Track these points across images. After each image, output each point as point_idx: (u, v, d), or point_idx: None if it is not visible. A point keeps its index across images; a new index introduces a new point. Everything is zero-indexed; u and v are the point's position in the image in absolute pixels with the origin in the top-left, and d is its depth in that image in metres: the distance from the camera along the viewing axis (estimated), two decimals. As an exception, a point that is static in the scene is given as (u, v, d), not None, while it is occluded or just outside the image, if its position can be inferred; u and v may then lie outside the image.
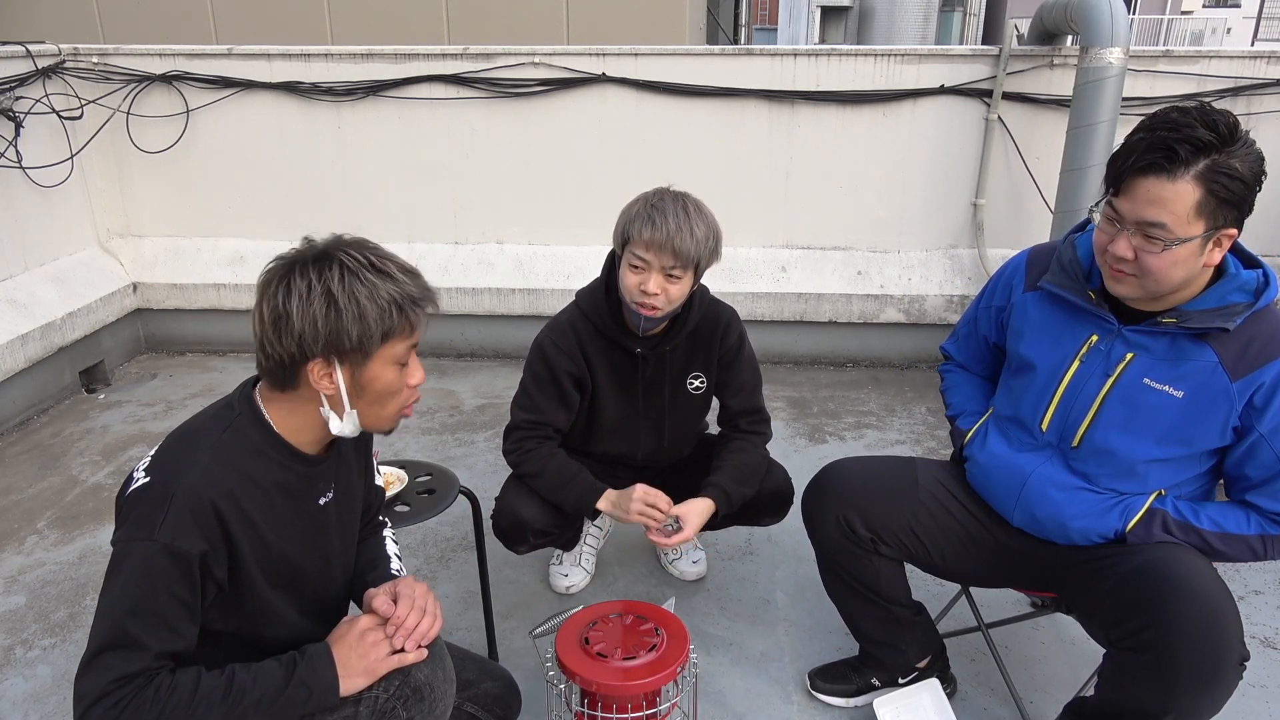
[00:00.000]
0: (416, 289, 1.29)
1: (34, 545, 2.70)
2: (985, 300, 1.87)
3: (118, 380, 4.00)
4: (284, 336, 1.23)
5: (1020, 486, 1.71)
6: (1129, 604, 1.53)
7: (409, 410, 1.38)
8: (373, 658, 1.30)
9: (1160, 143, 1.40)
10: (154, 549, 1.18)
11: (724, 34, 8.01)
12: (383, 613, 1.34)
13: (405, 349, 1.30)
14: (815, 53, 3.80)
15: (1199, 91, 3.66)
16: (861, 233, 4.03)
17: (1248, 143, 1.41)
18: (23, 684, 2.13)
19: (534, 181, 4.06)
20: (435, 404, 3.71)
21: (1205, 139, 1.38)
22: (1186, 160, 1.39)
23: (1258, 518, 1.57)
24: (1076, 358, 1.64)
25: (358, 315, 1.23)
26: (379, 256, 1.28)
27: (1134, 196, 1.44)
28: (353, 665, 1.29)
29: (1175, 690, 1.46)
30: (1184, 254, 1.44)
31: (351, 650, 1.30)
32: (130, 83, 3.98)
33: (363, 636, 1.31)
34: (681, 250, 1.85)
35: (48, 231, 3.87)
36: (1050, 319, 1.69)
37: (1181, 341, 1.54)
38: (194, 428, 1.31)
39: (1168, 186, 1.40)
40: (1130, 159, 1.43)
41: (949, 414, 1.95)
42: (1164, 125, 1.41)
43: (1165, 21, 22.14)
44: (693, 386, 2.19)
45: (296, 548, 1.36)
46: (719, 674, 2.16)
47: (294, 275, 1.23)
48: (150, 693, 1.16)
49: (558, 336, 2.09)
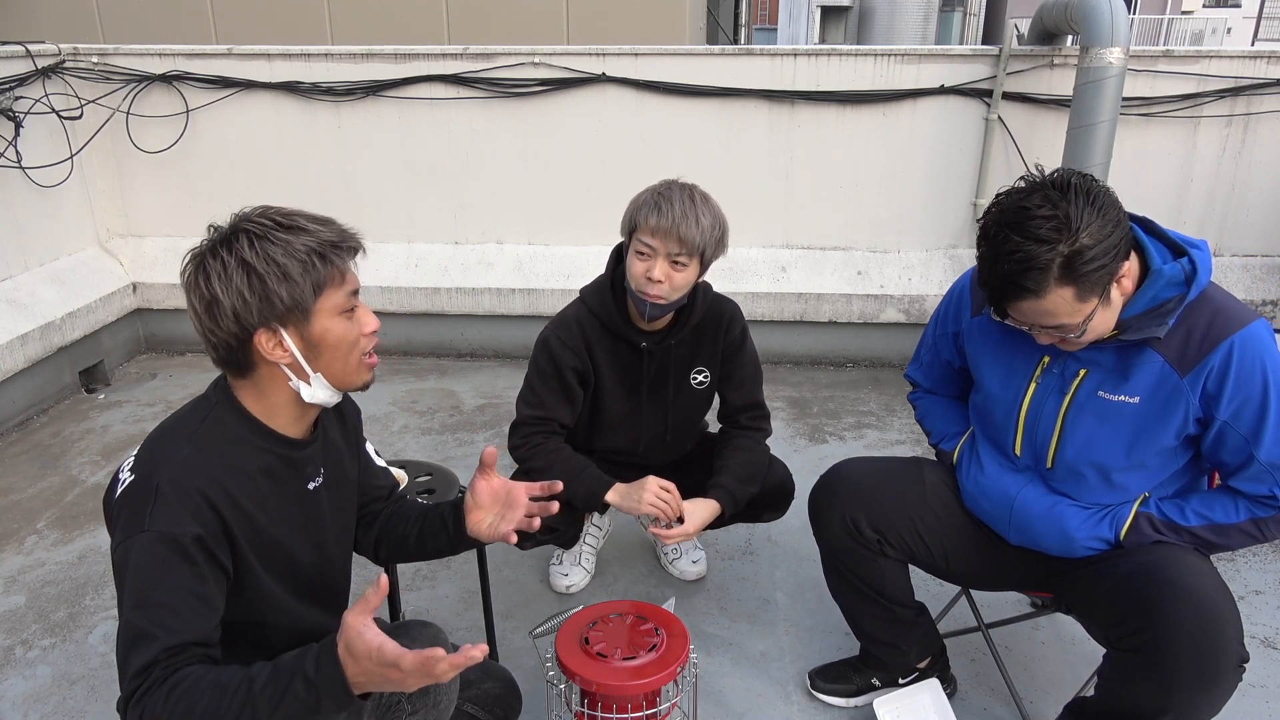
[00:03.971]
0: (333, 234, 1.27)
1: (34, 545, 2.70)
2: (940, 327, 1.87)
3: (118, 380, 3.99)
4: (220, 320, 1.23)
5: (1009, 511, 1.72)
6: (1127, 605, 1.53)
7: (372, 358, 1.36)
8: (387, 687, 1.14)
9: (1010, 280, 1.40)
10: (146, 539, 1.17)
11: (724, 34, 8.01)
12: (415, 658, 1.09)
13: (344, 296, 1.29)
14: (815, 53, 3.80)
15: (1199, 91, 3.66)
16: (861, 233, 4.03)
17: (1086, 208, 1.36)
18: (23, 684, 2.13)
19: (534, 181, 4.06)
20: (435, 404, 3.71)
21: (1044, 256, 1.36)
22: (1039, 283, 1.38)
23: (1245, 503, 1.57)
24: (1032, 380, 1.65)
25: (281, 275, 1.21)
26: (284, 215, 1.26)
27: (1020, 313, 1.47)
28: (364, 683, 1.13)
29: (1173, 691, 1.47)
30: (1099, 318, 1.45)
31: (370, 674, 1.11)
32: (130, 83, 3.98)
33: (386, 675, 1.10)
34: (687, 237, 1.88)
35: (48, 231, 3.86)
36: (1002, 342, 1.70)
37: (1126, 350, 1.55)
38: (172, 424, 1.30)
39: (1041, 303, 1.41)
40: (995, 293, 1.45)
41: (931, 441, 1.94)
42: (1006, 258, 1.39)
43: (1165, 21, 22.14)
44: (696, 381, 2.19)
45: (289, 533, 1.35)
46: (719, 674, 2.16)
47: (207, 259, 1.23)
48: (165, 690, 1.12)
49: (563, 332, 2.09)
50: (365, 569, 2.52)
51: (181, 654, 1.15)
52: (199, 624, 1.18)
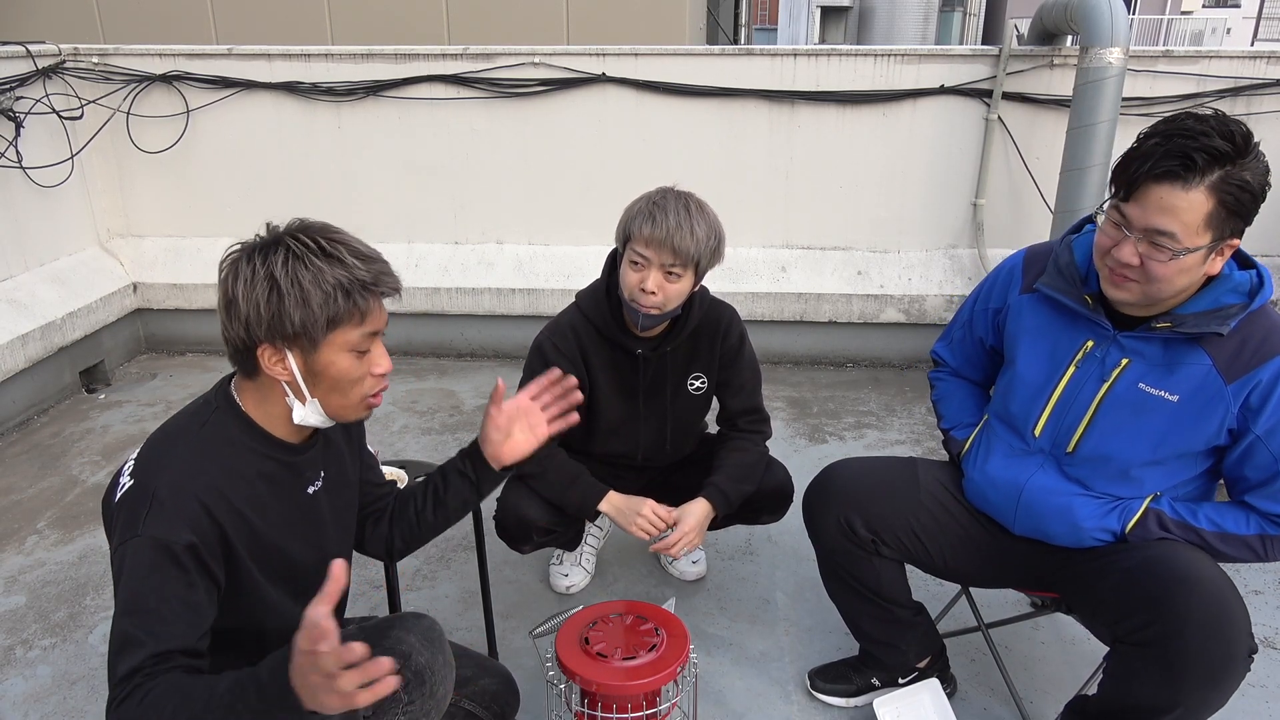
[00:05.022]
0: (369, 274, 1.26)
1: (34, 545, 2.70)
2: (981, 302, 1.84)
3: (118, 380, 4.00)
4: (234, 321, 1.24)
5: (1017, 497, 1.71)
6: (1134, 599, 1.52)
7: (376, 399, 1.35)
8: (308, 688, 1.05)
9: (1178, 150, 1.37)
10: (140, 544, 1.17)
11: (724, 34, 8.01)
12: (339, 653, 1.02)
13: (360, 336, 1.28)
14: (815, 53, 3.80)
15: (1199, 91, 3.66)
16: (861, 233, 4.03)
17: (1258, 155, 1.40)
18: (22, 684, 2.13)
19: (534, 181, 4.06)
20: (435, 404, 3.71)
21: (1222, 149, 1.36)
22: (1203, 170, 1.36)
23: (1257, 518, 1.57)
24: (1072, 363, 1.63)
25: (300, 300, 1.21)
26: (330, 241, 1.25)
27: (1145, 203, 1.41)
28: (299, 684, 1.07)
29: (1183, 684, 1.46)
30: (1190, 263, 1.43)
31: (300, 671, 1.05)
32: (130, 83, 3.98)
33: (303, 663, 1.04)
34: (681, 248, 1.86)
35: (48, 231, 3.86)
36: (1046, 324, 1.68)
37: (1175, 345, 1.53)
38: (173, 426, 1.30)
39: (1181, 196, 1.38)
40: (1146, 164, 1.40)
41: (942, 425, 1.93)
42: (1181, 132, 1.38)
43: (1165, 21, 22.14)
44: (693, 387, 2.19)
45: (288, 538, 1.35)
46: (719, 674, 2.16)
47: (243, 260, 1.23)
48: (140, 696, 1.11)
49: (558, 338, 2.08)
50: (365, 568, 2.52)
51: (166, 661, 1.15)
52: (186, 632, 1.18)
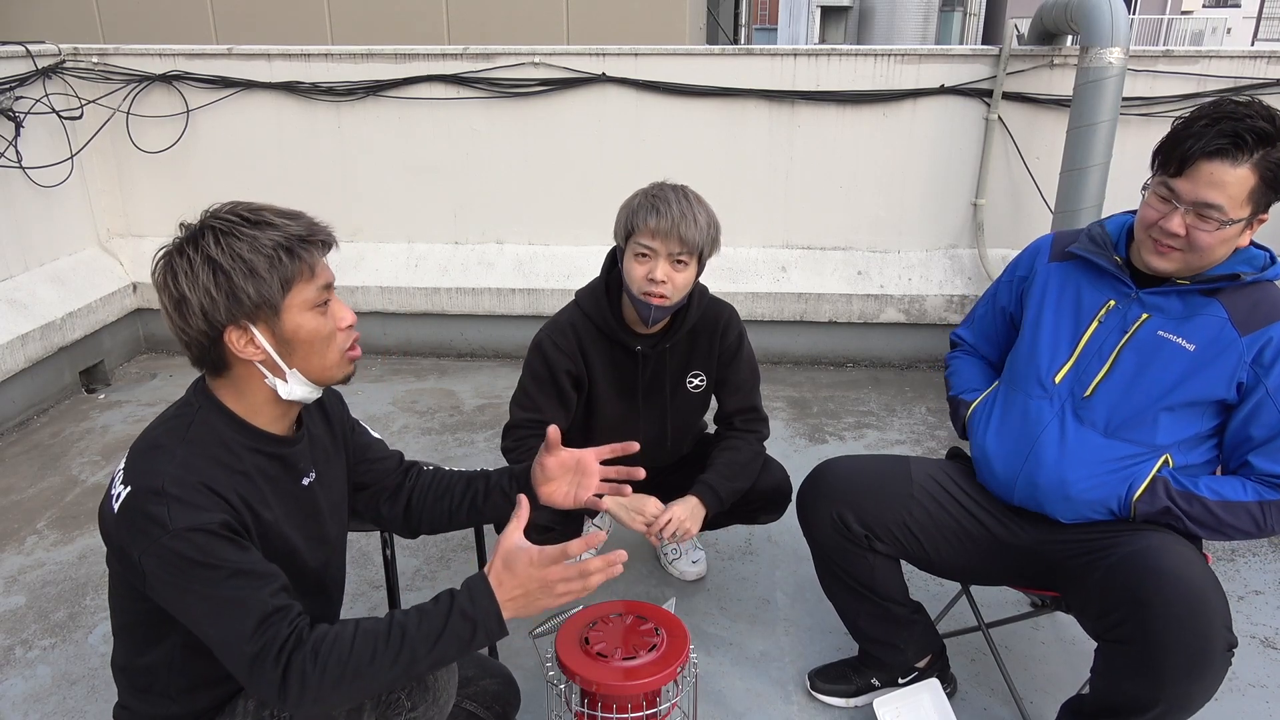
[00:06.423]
0: (301, 228, 1.25)
1: (34, 545, 2.70)
2: (1008, 274, 1.93)
3: (118, 380, 4.00)
4: (190, 319, 1.22)
5: (1031, 445, 1.73)
6: (1114, 596, 1.54)
7: (354, 351, 1.34)
8: (533, 609, 1.24)
9: (1229, 130, 1.50)
10: (174, 539, 1.15)
11: (724, 34, 8.01)
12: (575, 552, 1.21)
13: (315, 291, 1.27)
14: (815, 53, 3.80)
15: (1199, 91, 3.66)
16: (861, 233, 4.03)
17: None
18: (22, 684, 2.13)
19: (534, 181, 4.06)
20: (435, 404, 3.71)
21: (1266, 130, 1.49)
22: (1250, 148, 1.49)
23: (1254, 484, 1.61)
24: (1095, 319, 1.71)
25: (248, 271, 1.20)
26: (252, 210, 1.24)
27: (1196, 178, 1.53)
28: (515, 608, 1.23)
29: (1164, 680, 1.48)
30: (1231, 233, 1.55)
31: (527, 590, 1.22)
32: (130, 83, 3.98)
33: (544, 580, 1.21)
34: (687, 236, 1.89)
35: (48, 231, 3.87)
36: (1074, 286, 1.77)
37: (1193, 298, 1.63)
38: (158, 433, 1.27)
39: (1230, 171, 1.50)
40: (1199, 142, 1.52)
41: (951, 394, 1.97)
42: (1229, 115, 1.51)
43: (1165, 21, 22.14)
44: (692, 385, 2.19)
45: (294, 531, 1.35)
46: (719, 674, 2.16)
47: (174, 257, 1.22)
48: (308, 649, 1.14)
49: (557, 336, 2.09)
50: (365, 569, 2.52)
51: (287, 614, 1.18)
52: (280, 582, 1.21)
